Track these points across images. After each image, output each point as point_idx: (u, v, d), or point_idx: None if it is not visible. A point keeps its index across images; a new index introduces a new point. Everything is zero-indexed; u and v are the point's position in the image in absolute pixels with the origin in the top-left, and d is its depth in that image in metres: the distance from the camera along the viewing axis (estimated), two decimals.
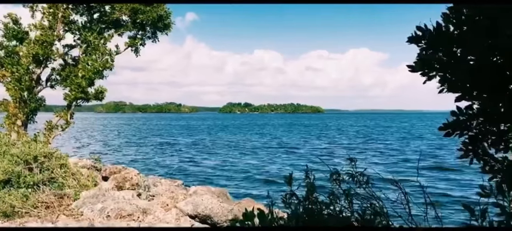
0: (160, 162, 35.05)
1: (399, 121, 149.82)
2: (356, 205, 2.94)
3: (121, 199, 10.83)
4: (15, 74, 15.30)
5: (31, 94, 15.85)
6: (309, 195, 3.01)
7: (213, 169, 30.33)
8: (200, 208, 10.04)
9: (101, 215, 9.68)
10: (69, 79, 15.93)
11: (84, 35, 16.31)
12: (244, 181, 25.39)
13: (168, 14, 17.17)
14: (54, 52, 16.04)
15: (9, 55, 16.08)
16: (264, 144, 52.84)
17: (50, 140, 15.70)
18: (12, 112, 15.45)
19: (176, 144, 53.86)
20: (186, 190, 13.62)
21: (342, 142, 55.94)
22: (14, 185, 10.78)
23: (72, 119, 16.61)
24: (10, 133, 15.23)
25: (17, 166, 11.08)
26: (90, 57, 16.01)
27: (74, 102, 16.35)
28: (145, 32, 17.45)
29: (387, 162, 33.98)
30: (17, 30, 16.21)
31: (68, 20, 16.38)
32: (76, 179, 11.92)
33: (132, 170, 15.10)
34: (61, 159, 12.23)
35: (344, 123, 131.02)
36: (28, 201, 10.31)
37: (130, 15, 16.63)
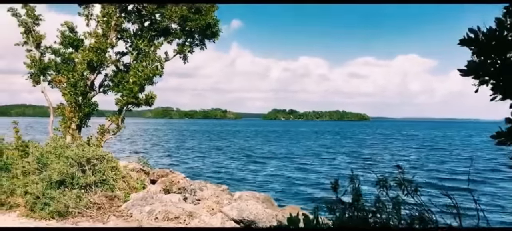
0: (205, 166, 35.55)
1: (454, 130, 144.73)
2: (404, 213, 2.89)
3: (168, 202, 11.08)
4: (70, 80, 16.00)
5: (85, 99, 16.51)
6: (355, 202, 2.99)
7: (258, 175, 30.43)
8: (245, 213, 10.12)
9: (149, 217, 9.94)
10: (121, 85, 16.49)
11: (135, 43, 16.86)
12: (289, 187, 25.33)
13: (216, 22, 17.45)
14: (107, 59, 16.67)
15: (65, 62, 16.85)
16: (310, 150, 52.47)
17: (102, 143, 16.27)
18: (68, 116, 16.15)
19: (223, 149, 54.42)
20: (231, 195, 13.75)
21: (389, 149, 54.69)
22: (68, 186, 11.23)
23: (123, 123, 17.17)
24: (65, 135, 15.92)
25: (71, 168, 11.55)
26: (141, 64, 16.51)
27: (125, 108, 16.89)
28: (194, 39, 17.81)
29: (437, 170, 32.95)
30: (73, 38, 16.97)
31: (121, 28, 16.99)
32: (126, 182, 12.31)
33: (178, 174, 15.42)
34: (112, 161, 12.65)
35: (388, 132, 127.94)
36: (81, 201, 10.74)
37: (179, 23, 17.02)
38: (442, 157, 45.72)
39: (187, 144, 64.77)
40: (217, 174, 30.91)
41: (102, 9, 16.62)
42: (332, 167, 35.50)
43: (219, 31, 17.88)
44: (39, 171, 11.98)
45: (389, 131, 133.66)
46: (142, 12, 17.37)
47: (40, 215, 10.35)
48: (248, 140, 78.50)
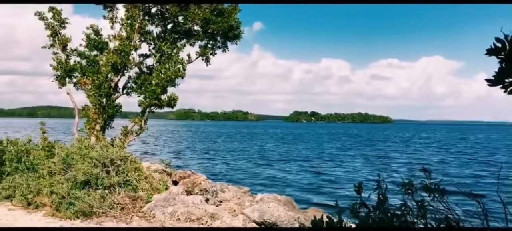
0: (227, 168, 35.65)
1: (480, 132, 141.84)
2: (430, 218, 2.84)
3: (190, 203, 11.15)
4: (95, 82, 16.27)
5: (109, 101, 16.76)
6: (380, 205, 2.95)
7: (279, 177, 30.36)
8: (267, 215, 10.11)
9: (172, 218, 10.02)
10: (144, 87, 16.69)
11: (158, 45, 17.05)
12: (311, 190, 25.20)
13: (238, 24, 17.51)
14: (131, 61, 16.89)
15: (90, 64, 17.14)
16: (332, 153, 52.16)
17: (125, 145, 16.47)
18: (92, 117, 16.42)
19: (244, 151, 54.53)
20: (253, 197, 13.74)
21: (415, 152, 53.95)
22: (93, 186, 11.41)
23: (145, 125, 17.36)
24: (90, 137, 16.19)
25: (96, 168, 11.74)
26: (164, 66, 16.67)
27: (148, 109, 17.08)
28: (216, 42, 17.91)
29: (465, 174, 32.37)
30: (98, 40, 17.26)
31: (144, 30, 17.21)
32: (148, 182, 12.44)
33: (200, 176, 15.50)
34: (135, 162, 12.80)
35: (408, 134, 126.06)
36: (105, 201, 10.89)
37: (202, 25, 17.14)
38: (465, 159, 44.90)
39: (207, 145, 65.14)
40: (238, 175, 30.96)
41: (126, 12, 16.87)
42: (351, 170, 35.18)
43: (241, 33, 17.93)
44: (64, 171, 12.20)
45: (409, 133, 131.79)
46: (165, 14, 17.55)
47: (65, 214, 10.53)
48: (269, 141, 78.49)
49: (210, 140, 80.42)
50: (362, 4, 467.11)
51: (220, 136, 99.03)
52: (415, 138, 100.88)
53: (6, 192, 12.27)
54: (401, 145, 72.19)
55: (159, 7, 17.48)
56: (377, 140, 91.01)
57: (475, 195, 2.81)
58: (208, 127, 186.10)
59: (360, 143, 76.52)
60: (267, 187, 25.00)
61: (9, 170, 13.21)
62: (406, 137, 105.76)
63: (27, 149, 14.27)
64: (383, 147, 66.89)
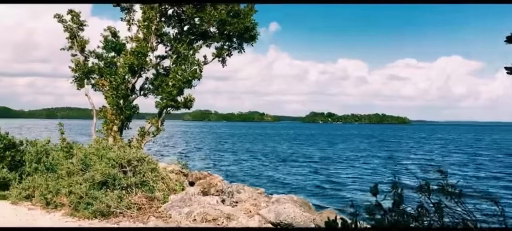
0: (243, 169, 35.69)
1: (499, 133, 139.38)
2: (447, 219, 2.80)
3: (206, 204, 11.19)
4: (113, 83, 16.44)
5: (126, 102, 16.92)
6: (396, 207, 2.92)
7: (296, 179, 30.29)
8: (282, 216, 10.10)
9: (188, 219, 10.07)
10: (160, 88, 16.81)
11: (175, 46, 17.15)
12: (327, 191, 25.09)
13: (254, 25, 17.52)
14: (148, 63, 17.03)
15: (108, 65, 17.32)
16: (347, 154, 51.83)
17: (142, 145, 16.61)
18: (110, 118, 16.60)
19: (260, 152, 54.51)
20: (269, 198, 13.75)
21: (430, 153, 53.32)
22: (110, 187, 11.52)
23: (162, 126, 17.48)
24: (108, 137, 16.36)
25: (113, 169, 11.85)
26: (180, 67, 16.76)
27: (165, 110, 17.20)
28: (232, 43, 17.94)
29: (483, 176, 31.88)
30: (115, 42, 17.44)
31: (161, 32, 17.34)
32: (165, 183, 12.50)
33: (216, 176, 15.56)
34: (152, 163, 12.88)
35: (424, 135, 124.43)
36: (122, 202, 10.99)
37: (218, 26, 17.20)
38: (480, 160, 44.23)
39: (223, 146, 65.31)
40: (253, 176, 30.98)
41: (143, 14, 17.02)
42: (366, 172, 34.91)
43: (257, 35, 17.93)
44: (82, 171, 12.35)
45: (425, 134, 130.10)
46: (182, 16, 17.67)
47: (84, 214, 10.66)
48: (285, 142, 78.35)
49: (225, 141, 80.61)
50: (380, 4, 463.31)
51: (232, 137, 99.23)
52: (431, 139, 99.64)
53: (26, 192, 12.47)
54: (415, 146, 71.42)
55: (175, 9, 17.60)
56: (391, 141, 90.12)
57: (491, 197, 2.77)
58: (223, 128, 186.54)
59: (374, 144, 75.88)
60: (282, 188, 24.96)
61: (29, 170, 13.42)
62: (421, 138, 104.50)
63: (46, 149, 14.47)
64: (397, 148, 66.22)
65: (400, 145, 73.79)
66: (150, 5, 16.80)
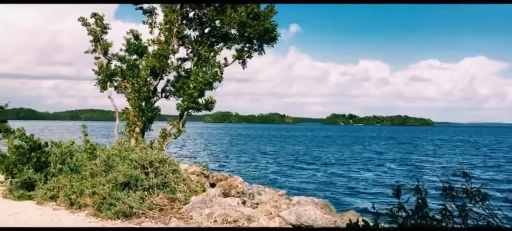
0: (263, 171, 35.69)
1: None
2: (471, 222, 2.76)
3: (227, 205, 11.22)
4: (135, 86, 16.64)
5: (148, 104, 17.10)
6: (419, 210, 2.88)
7: (317, 180, 30.16)
8: (303, 218, 10.06)
9: (209, 220, 10.13)
10: (181, 90, 16.94)
11: (196, 49, 17.27)
12: (349, 193, 24.91)
13: (274, 27, 17.52)
14: (169, 65, 17.18)
15: (130, 68, 17.54)
16: (369, 156, 51.35)
17: (164, 147, 16.77)
18: (132, 120, 16.80)
19: (281, 153, 54.43)
20: (289, 199, 13.71)
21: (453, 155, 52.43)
22: (132, 188, 11.66)
23: (183, 128, 17.61)
24: (130, 139, 16.57)
25: (135, 170, 11.99)
26: (201, 69, 16.86)
27: (186, 112, 17.32)
28: (252, 45, 17.97)
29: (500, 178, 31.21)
30: (137, 45, 17.65)
31: (182, 35, 17.49)
32: (186, 184, 12.59)
33: (237, 178, 15.57)
34: (174, 165, 12.99)
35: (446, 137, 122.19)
36: (144, 202, 11.11)
37: (238, 28, 17.25)
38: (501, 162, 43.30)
39: (243, 147, 65.42)
40: (273, 178, 30.95)
41: (164, 17, 17.19)
42: (390, 174, 34.51)
43: (278, 36, 17.93)
44: (105, 172, 12.52)
45: (447, 136, 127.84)
46: (203, 19, 17.79)
47: (107, 215, 10.80)
48: (306, 144, 78.04)
49: (245, 143, 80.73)
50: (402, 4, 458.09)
51: (254, 138, 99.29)
52: (452, 141, 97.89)
53: (51, 192, 12.71)
54: (436, 148, 70.30)
55: (196, 11, 17.74)
56: (413, 142, 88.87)
57: None
58: (244, 129, 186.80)
59: (395, 146, 74.96)
60: (303, 190, 24.87)
61: (53, 171, 13.67)
62: (443, 140, 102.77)
63: (70, 151, 14.71)
64: (418, 150, 65.28)
65: (420, 147, 72.73)
66: (171, 8, 16.96)
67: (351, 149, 66.92)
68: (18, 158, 13.92)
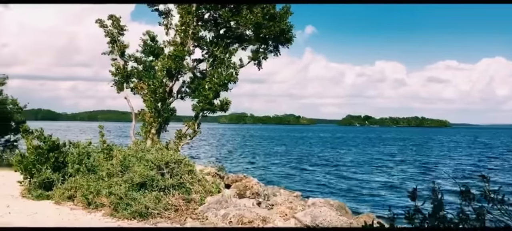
0: (280, 172, 35.63)
1: None
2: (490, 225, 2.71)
3: (242, 206, 11.24)
4: (151, 87, 16.76)
5: (164, 105, 17.21)
6: (436, 212, 2.84)
7: (332, 182, 30.00)
8: (319, 220, 10.02)
9: (224, 221, 10.15)
10: (197, 91, 17.02)
11: (211, 50, 17.35)
12: (364, 195, 24.73)
13: (290, 28, 17.49)
14: (185, 66, 17.28)
15: (147, 69, 17.68)
16: (385, 158, 50.94)
17: (179, 148, 16.85)
18: (148, 121, 16.92)
19: (296, 154, 54.31)
20: (305, 201, 13.67)
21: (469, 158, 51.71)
22: (148, 188, 11.74)
23: (199, 128, 17.69)
24: (146, 140, 16.69)
25: (151, 171, 12.07)
26: (216, 71, 16.93)
27: (201, 113, 17.39)
28: (267, 46, 17.96)
29: None
30: (153, 46, 17.78)
31: (198, 36, 17.56)
32: (201, 185, 12.63)
33: (252, 179, 15.60)
34: (189, 165, 13.05)
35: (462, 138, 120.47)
36: (160, 203, 11.18)
37: (253, 30, 17.26)
38: None
39: (259, 149, 65.42)
40: (288, 179, 30.87)
41: (180, 18, 17.29)
42: (403, 176, 34.17)
43: (293, 37, 17.89)
44: (122, 173, 12.63)
45: (464, 138, 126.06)
46: (218, 20, 17.84)
47: (123, 215, 10.89)
48: (320, 145, 77.75)
49: (260, 144, 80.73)
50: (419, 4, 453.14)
51: (267, 139, 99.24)
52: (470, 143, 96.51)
53: (69, 192, 12.86)
54: (453, 150, 69.42)
55: (212, 12, 17.79)
56: (428, 144, 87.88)
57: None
58: (259, 131, 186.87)
59: (410, 147, 74.23)
60: (318, 192, 24.76)
61: (71, 171, 13.83)
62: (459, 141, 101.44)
63: (87, 151, 14.88)
64: (433, 152, 64.53)
65: (436, 149, 71.87)
66: (187, 10, 17.05)
67: (367, 150, 66.43)
68: (37, 158, 14.12)
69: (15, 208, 11.77)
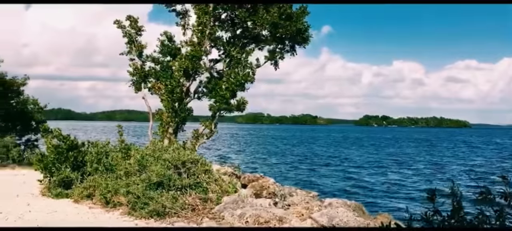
0: (295, 172, 35.54)
1: None
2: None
3: (258, 206, 11.23)
4: (168, 87, 16.88)
5: (181, 105, 17.32)
6: (455, 214, 2.80)
7: (349, 183, 29.81)
8: (335, 221, 9.95)
9: (240, 221, 10.15)
10: (214, 91, 17.09)
11: (228, 50, 17.39)
12: (381, 196, 24.51)
13: (307, 28, 17.43)
14: (202, 66, 17.36)
15: (164, 69, 17.82)
16: (401, 158, 50.41)
17: (196, 147, 16.93)
18: (165, 121, 17.05)
19: (313, 155, 54.10)
20: (321, 201, 13.58)
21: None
22: (165, 187, 11.80)
23: (215, 128, 17.75)
24: (163, 139, 16.81)
25: (168, 170, 12.14)
26: (233, 71, 16.97)
27: (218, 113, 17.45)
28: (284, 46, 17.94)
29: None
30: (171, 46, 17.91)
31: (214, 36, 17.62)
32: (218, 185, 12.66)
33: (269, 179, 15.55)
34: (206, 165, 13.09)
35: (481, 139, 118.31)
36: (177, 202, 11.23)
37: (270, 30, 17.25)
38: None
39: (274, 149, 65.33)
40: (304, 179, 30.77)
41: (197, 19, 17.37)
42: (421, 176, 33.75)
43: (310, 37, 17.83)
44: (139, 172, 12.73)
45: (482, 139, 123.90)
46: (235, 20, 17.88)
47: (140, 214, 10.97)
48: (337, 146, 77.32)
49: (276, 144, 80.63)
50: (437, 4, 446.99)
51: (283, 139, 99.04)
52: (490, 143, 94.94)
53: (87, 191, 13.02)
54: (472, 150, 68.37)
55: (229, 13, 17.83)
56: (447, 144, 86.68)
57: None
58: (275, 130, 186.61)
59: (428, 148, 73.29)
60: (334, 192, 24.62)
61: (90, 170, 13.99)
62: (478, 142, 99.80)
63: (106, 150, 15.03)
64: (453, 152, 63.62)
65: (454, 149, 70.85)
66: (204, 10, 17.12)
67: (383, 151, 65.84)
68: (56, 157, 14.32)
69: (35, 207, 11.96)
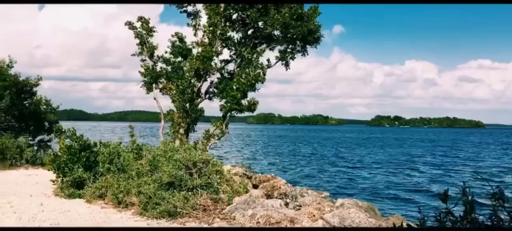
0: (306, 172, 35.46)
1: None
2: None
3: (269, 206, 11.21)
4: (179, 88, 16.95)
5: (192, 106, 17.37)
6: (468, 215, 2.76)
7: (361, 183, 29.67)
8: (347, 222, 9.90)
9: (251, 221, 10.14)
10: (225, 92, 17.11)
11: (239, 51, 17.41)
12: (394, 197, 24.35)
13: (318, 28, 17.37)
14: (213, 67, 17.39)
15: (175, 70, 17.89)
16: (417, 160, 50.03)
17: (207, 148, 16.96)
18: (177, 121, 17.11)
19: (323, 156, 53.95)
20: (333, 202, 13.53)
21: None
22: (177, 188, 11.83)
23: (227, 129, 17.77)
24: (175, 140, 16.87)
25: (180, 171, 12.16)
26: (244, 71, 16.97)
27: (229, 113, 17.47)
28: (295, 46, 17.90)
29: None
30: (182, 47, 17.98)
31: (226, 37, 17.64)
32: (229, 185, 12.66)
33: (280, 179, 15.56)
34: (217, 165, 13.09)
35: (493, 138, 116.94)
36: (188, 202, 11.25)
37: (281, 30, 17.23)
38: None
39: (285, 149, 65.25)
40: (315, 180, 30.68)
41: (208, 19, 17.40)
42: (432, 177, 33.46)
43: (321, 37, 17.76)
44: (151, 172, 12.78)
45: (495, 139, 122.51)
46: (246, 20, 17.88)
47: (152, 214, 11.01)
48: (347, 146, 77.00)
49: (287, 144, 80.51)
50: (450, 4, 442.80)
51: (294, 140, 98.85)
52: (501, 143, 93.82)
53: (100, 191, 13.10)
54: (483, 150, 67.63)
55: (240, 13, 17.84)
56: (458, 145, 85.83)
57: None
58: (285, 131, 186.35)
59: (440, 148, 72.64)
60: (346, 193, 24.51)
61: (102, 171, 14.08)
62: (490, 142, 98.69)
63: (118, 151, 15.12)
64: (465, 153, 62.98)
65: (466, 150, 70.13)
66: (215, 11, 17.15)
67: (394, 151, 65.40)
68: (69, 157, 14.43)
69: (48, 206, 12.06)
